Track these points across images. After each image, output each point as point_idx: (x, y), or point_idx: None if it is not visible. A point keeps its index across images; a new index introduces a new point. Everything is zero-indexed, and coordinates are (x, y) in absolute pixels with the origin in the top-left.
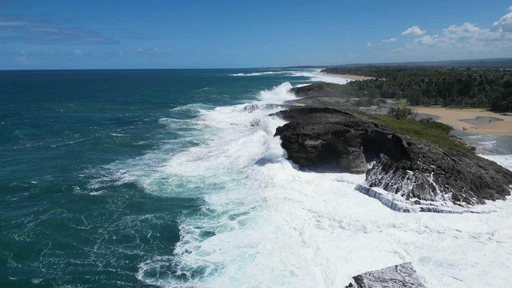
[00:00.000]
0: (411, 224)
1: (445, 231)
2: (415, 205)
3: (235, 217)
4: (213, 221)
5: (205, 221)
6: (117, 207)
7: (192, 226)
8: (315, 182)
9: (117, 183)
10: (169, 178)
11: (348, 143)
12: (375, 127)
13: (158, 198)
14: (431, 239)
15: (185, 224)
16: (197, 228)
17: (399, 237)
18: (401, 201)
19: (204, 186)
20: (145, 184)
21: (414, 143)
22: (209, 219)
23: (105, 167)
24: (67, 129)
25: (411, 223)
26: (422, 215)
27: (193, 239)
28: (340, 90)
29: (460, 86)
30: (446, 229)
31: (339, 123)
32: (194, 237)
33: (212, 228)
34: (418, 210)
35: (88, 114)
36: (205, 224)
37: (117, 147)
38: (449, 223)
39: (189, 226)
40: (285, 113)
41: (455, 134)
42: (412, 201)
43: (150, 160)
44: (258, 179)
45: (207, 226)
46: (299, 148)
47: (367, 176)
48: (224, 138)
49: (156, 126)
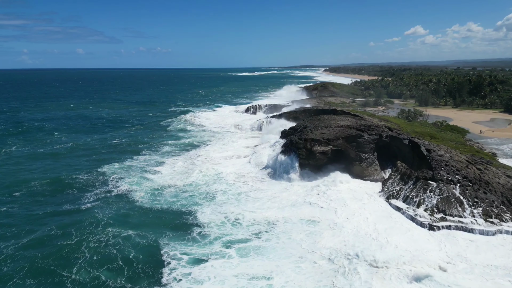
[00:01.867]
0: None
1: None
2: (441, 222)
3: (231, 246)
4: (205, 248)
5: (194, 248)
6: (106, 220)
7: (179, 252)
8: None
9: (110, 193)
10: (163, 190)
11: (361, 149)
12: (390, 131)
13: (149, 209)
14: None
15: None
16: (184, 255)
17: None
18: (425, 217)
19: (198, 195)
20: (138, 195)
21: (433, 150)
22: (199, 247)
23: (100, 170)
24: (61, 129)
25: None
26: (453, 236)
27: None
28: (345, 90)
29: (470, 86)
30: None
31: (350, 126)
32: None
33: (204, 255)
34: (445, 228)
35: (85, 114)
36: (194, 250)
37: (112, 148)
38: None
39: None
40: (290, 114)
41: (471, 138)
42: (438, 217)
43: (145, 163)
44: (259, 197)
45: (197, 253)
46: (307, 155)
47: (384, 187)
48: (222, 143)
49: (156, 126)
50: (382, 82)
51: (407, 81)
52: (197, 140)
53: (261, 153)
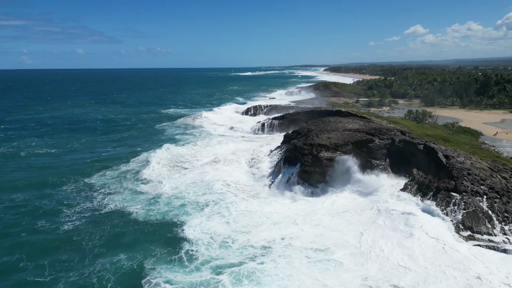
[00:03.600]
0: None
1: None
2: (469, 241)
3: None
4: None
5: (180, 275)
6: (95, 246)
7: (162, 280)
8: (335, 207)
9: (101, 209)
10: (157, 198)
11: (372, 155)
12: (402, 135)
13: (144, 223)
14: None
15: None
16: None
17: None
18: (451, 235)
19: (188, 204)
20: (133, 208)
21: (452, 156)
22: (185, 273)
23: (88, 181)
24: (50, 133)
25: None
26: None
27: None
28: (347, 90)
29: (477, 86)
30: None
31: (360, 130)
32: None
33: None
34: (474, 248)
35: (80, 116)
36: (180, 277)
37: (103, 154)
38: None
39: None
40: (292, 115)
41: (484, 140)
42: (465, 235)
43: (138, 169)
44: (252, 211)
45: (182, 281)
46: (313, 161)
47: (399, 196)
48: (218, 147)
49: (150, 129)
50: (385, 81)
51: (411, 81)
52: (193, 144)
53: (260, 159)
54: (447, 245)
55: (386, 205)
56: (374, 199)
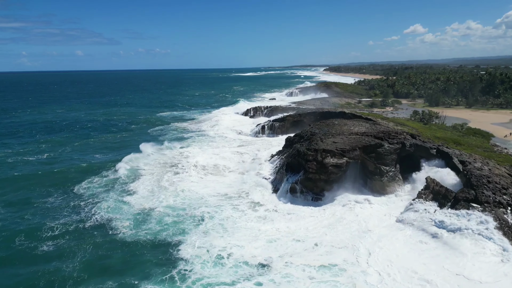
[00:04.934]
0: None
1: None
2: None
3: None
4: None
5: None
6: (74, 272)
7: None
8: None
9: (84, 222)
10: (147, 215)
11: (381, 160)
12: (412, 138)
13: (134, 244)
14: None
15: None
16: None
17: None
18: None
19: (184, 220)
20: (119, 224)
21: (468, 161)
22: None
23: (75, 191)
24: (44, 137)
25: None
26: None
27: None
28: (349, 90)
29: (482, 85)
30: None
31: (367, 134)
32: None
33: None
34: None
35: (76, 119)
36: None
37: (96, 158)
38: None
39: None
40: (293, 117)
41: (495, 142)
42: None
43: (126, 179)
44: (249, 228)
45: None
46: (317, 168)
47: (412, 206)
48: (214, 152)
49: (144, 134)
50: (387, 81)
51: (414, 80)
52: (189, 149)
53: (260, 165)
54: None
55: (400, 216)
56: (385, 211)
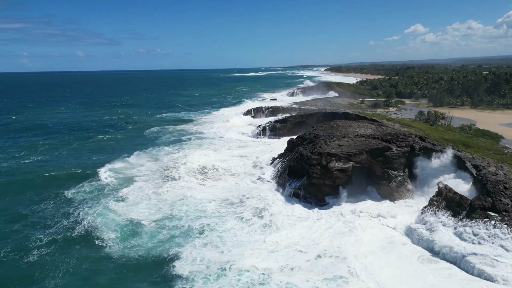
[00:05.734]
0: None
1: None
2: None
3: None
4: None
5: None
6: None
7: None
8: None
9: (71, 236)
10: (138, 227)
11: (389, 164)
12: (421, 141)
13: (123, 260)
14: None
15: None
16: None
17: None
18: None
19: (179, 234)
20: (106, 236)
21: (482, 165)
22: None
23: (66, 196)
24: (43, 138)
25: None
26: None
27: None
28: (351, 90)
29: (487, 85)
30: None
31: (374, 136)
32: None
33: None
34: None
35: (76, 120)
36: None
37: (91, 160)
38: None
39: None
40: (295, 118)
41: (505, 144)
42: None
43: (115, 184)
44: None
45: None
46: (322, 173)
47: (423, 215)
48: (213, 154)
49: (140, 137)
50: (390, 81)
51: (417, 80)
52: (186, 151)
53: (261, 169)
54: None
55: (410, 227)
56: (394, 220)
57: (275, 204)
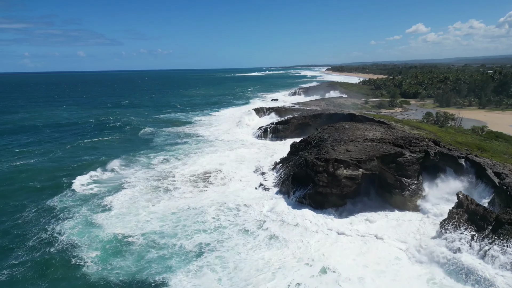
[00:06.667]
0: None
1: None
2: None
3: None
4: None
5: None
6: None
7: None
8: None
9: (49, 251)
10: (122, 245)
11: (402, 172)
12: (436, 145)
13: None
14: None
15: None
16: None
17: None
18: None
19: (171, 254)
20: (84, 255)
21: (504, 173)
22: None
23: (49, 204)
24: (37, 139)
25: None
26: None
27: None
28: (354, 90)
29: (495, 84)
30: None
31: (384, 140)
32: None
33: None
34: None
35: (72, 120)
36: None
37: (82, 161)
38: None
39: None
40: (298, 120)
41: None
42: None
43: (100, 194)
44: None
45: None
46: (329, 181)
47: (442, 230)
48: (210, 158)
49: (136, 140)
50: (394, 80)
51: (421, 80)
52: (183, 156)
53: (262, 176)
54: None
55: (428, 244)
56: (407, 234)
57: (279, 214)
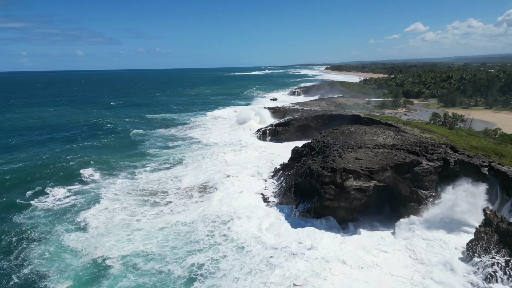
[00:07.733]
0: None
1: None
2: None
3: None
4: None
5: None
6: None
7: None
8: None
9: (8, 280)
10: (102, 275)
11: (419, 183)
12: (455, 153)
13: None
14: None
15: None
16: None
17: None
18: None
19: (167, 282)
20: (56, 284)
21: None
22: None
23: (16, 220)
24: (21, 142)
25: None
26: None
27: None
28: (355, 90)
29: (501, 84)
30: None
31: (397, 147)
32: None
33: None
34: None
35: (56, 121)
36: None
37: (67, 166)
38: None
39: None
40: (298, 121)
41: None
42: None
43: (81, 202)
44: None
45: None
46: (336, 193)
47: (469, 252)
48: (206, 163)
49: (128, 144)
50: (395, 79)
51: (424, 79)
52: (174, 162)
53: (261, 184)
54: None
55: (455, 271)
56: (428, 258)
57: (280, 230)
